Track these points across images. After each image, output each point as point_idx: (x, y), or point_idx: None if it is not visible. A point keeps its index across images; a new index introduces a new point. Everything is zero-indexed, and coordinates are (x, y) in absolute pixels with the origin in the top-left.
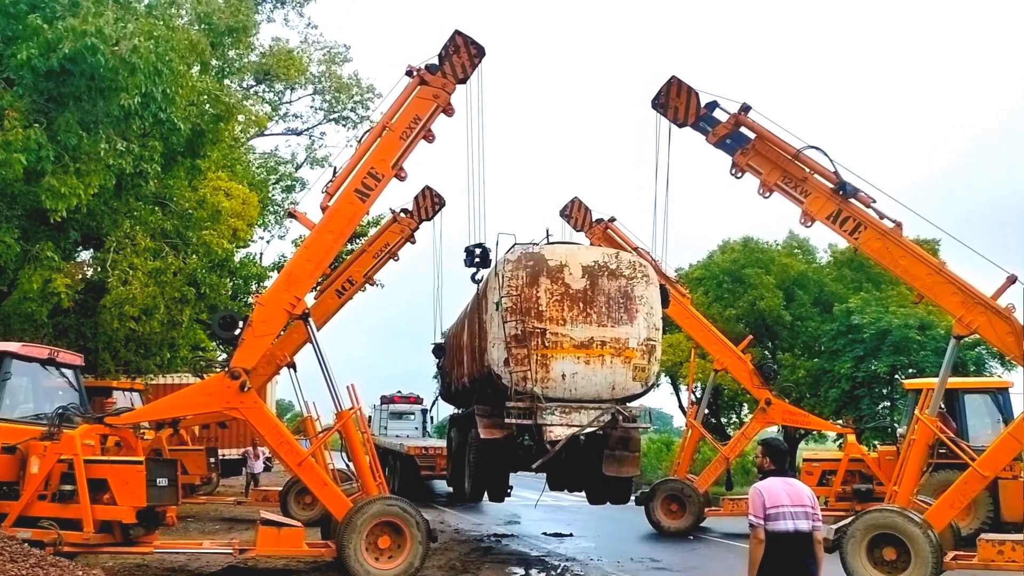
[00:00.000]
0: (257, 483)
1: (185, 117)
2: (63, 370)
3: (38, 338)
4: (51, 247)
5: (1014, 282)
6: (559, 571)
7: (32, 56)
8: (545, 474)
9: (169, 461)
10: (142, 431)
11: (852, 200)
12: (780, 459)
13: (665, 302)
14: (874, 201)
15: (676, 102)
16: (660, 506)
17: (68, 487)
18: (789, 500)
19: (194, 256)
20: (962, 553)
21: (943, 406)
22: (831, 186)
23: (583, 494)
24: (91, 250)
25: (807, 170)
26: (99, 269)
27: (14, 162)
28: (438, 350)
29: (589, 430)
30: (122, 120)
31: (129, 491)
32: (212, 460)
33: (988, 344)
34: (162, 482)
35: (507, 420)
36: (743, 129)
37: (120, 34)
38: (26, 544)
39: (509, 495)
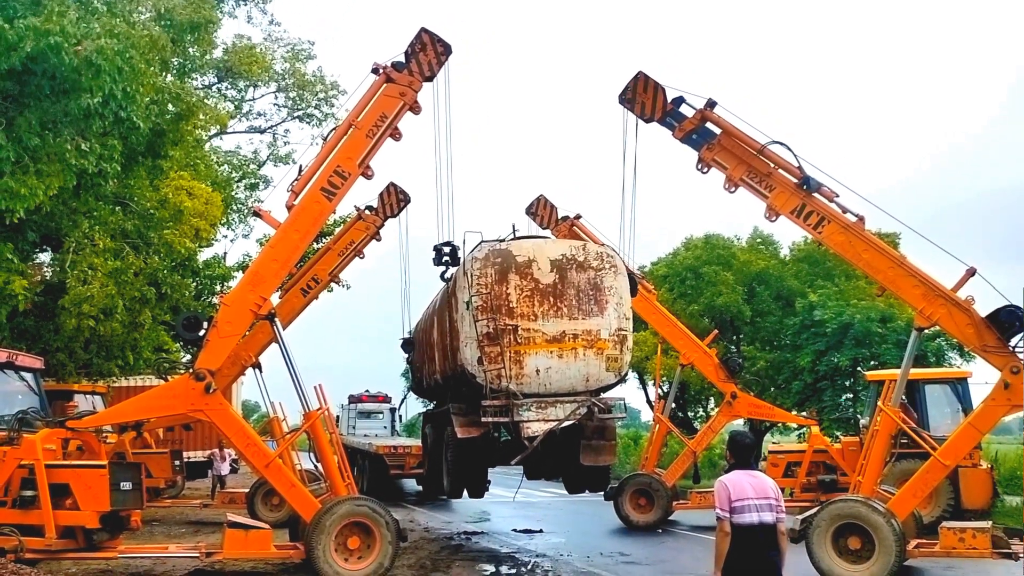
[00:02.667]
0: (223, 485)
1: (146, 116)
2: (22, 373)
3: None
4: (9, 248)
5: (973, 275)
6: (529, 567)
7: None
8: (522, 467)
9: (133, 464)
10: (105, 435)
11: (816, 195)
12: (743, 453)
13: (634, 291)
14: (837, 196)
15: (643, 97)
16: (629, 500)
17: (29, 492)
18: (754, 492)
19: (156, 256)
20: (924, 541)
21: (904, 397)
22: (795, 181)
23: (553, 490)
24: (50, 251)
25: (772, 165)
26: (58, 270)
27: None
28: (407, 345)
29: (566, 423)
30: (82, 119)
31: (92, 495)
32: (177, 463)
33: (948, 335)
34: (126, 486)
35: (483, 419)
36: (709, 125)
37: (83, 33)
38: None
39: (488, 490)
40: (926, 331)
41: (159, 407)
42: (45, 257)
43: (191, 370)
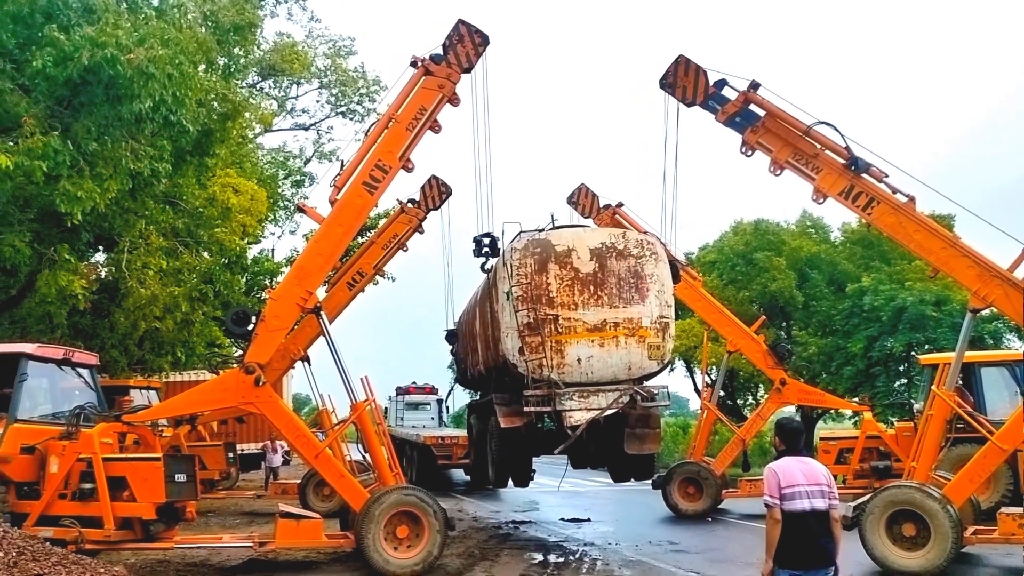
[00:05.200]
0: (276, 476)
1: (194, 118)
2: (79, 370)
3: (53, 339)
4: (66, 249)
5: None
6: (577, 556)
7: (47, 64)
8: (567, 456)
9: (187, 457)
10: (160, 428)
11: (864, 175)
12: (792, 439)
13: (676, 278)
14: (886, 176)
15: (684, 81)
16: (677, 489)
17: (88, 485)
18: (804, 479)
19: (206, 254)
20: (982, 527)
21: (960, 380)
22: (843, 162)
23: (601, 479)
24: (104, 251)
25: (818, 146)
26: (113, 270)
27: (35, 169)
28: (451, 336)
29: (609, 412)
30: (133, 124)
31: (148, 488)
32: (231, 455)
33: (1005, 317)
34: (181, 478)
35: (526, 409)
36: (752, 107)
37: (136, 42)
38: (48, 543)
39: (532, 479)
40: (982, 313)
41: (211, 400)
42: (100, 257)
43: (241, 364)
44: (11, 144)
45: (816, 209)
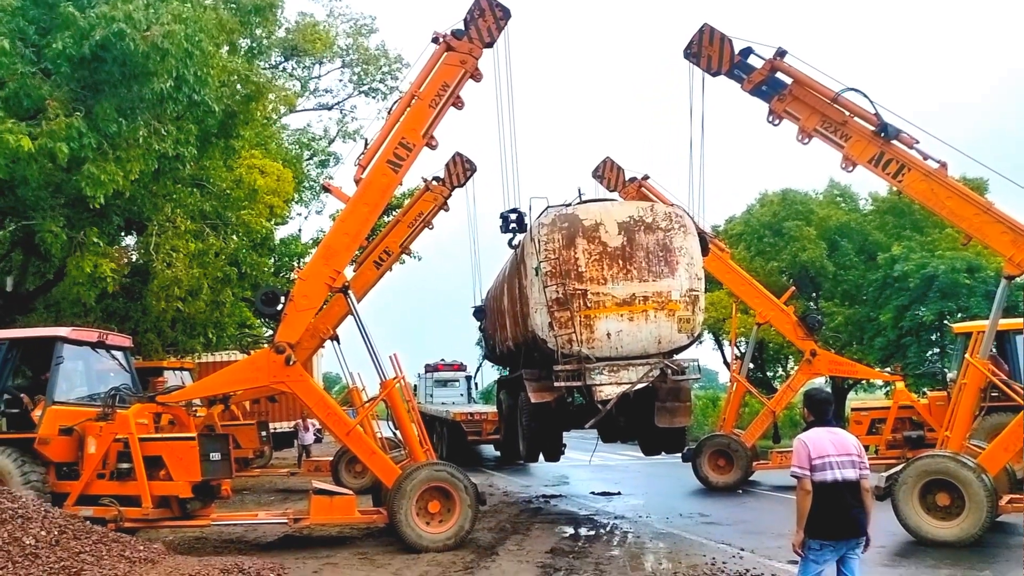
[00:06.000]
0: (309, 454)
1: (218, 98)
2: (113, 352)
3: (88, 322)
4: (96, 232)
5: None
6: (608, 529)
7: (67, 45)
8: (597, 430)
9: (221, 436)
10: (194, 408)
11: (894, 142)
12: (820, 409)
13: (705, 250)
14: (917, 142)
15: (709, 50)
16: (707, 462)
17: (125, 465)
18: (834, 449)
19: (234, 236)
20: (1017, 496)
21: (994, 349)
22: (872, 128)
23: (631, 453)
24: (134, 234)
25: (847, 113)
26: (143, 252)
27: (58, 151)
28: (479, 312)
29: (639, 386)
30: (157, 104)
31: (184, 466)
32: (264, 433)
33: None
34: (215, 456)
35: (556, 383)
36: (779, 75)
37: (152, 19)
38: (88, 522)
39: (563, 454)
40: (1016, 280)
41: (243, 380)
42: (130, 241)
43: (272, 344)
44: (36, 128)
45: (844, 178)
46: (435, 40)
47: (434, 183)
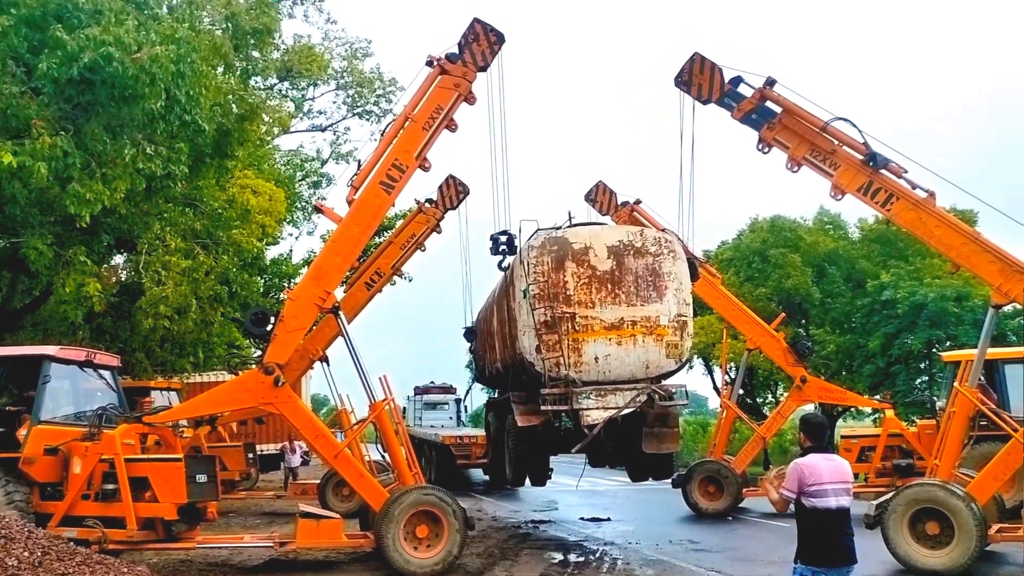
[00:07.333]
0: (295, 477)
1: (210, 118)
2: (101, 371)
3: (76, 341)
4: (83, 251)
5: None
6: (597, 555)
7: (52, 67)
8: (585, 454)
9: (208, 457)
10: (181, 429)
11: (883, 171)
12: (817, 434)
13: (694, 275)
14: (905, 171)
15: (700, 79)
16: (697, 488)
17: (110, 486)
18: (829, 476)
19: (224, 256)
20: (1007, 525)
21: (983, 377)
22: (860, 157)
23: (620, 478)
24: (124, 253)
25: (835, 142)
26: (133, 272)
27: (37, 170)
28: (469, 334)
29: (627, 411)
30: (147, 124)
31: (170, 488)
32: (251, 455)
33: None
34: (202, 478)
35: (543, 407)
36: (769, 103)
37: (141, 41)
38: (72, 543)
39: (550, 478)
40: (1004, 309)
41: (230, 401)
42: (120, 259)
43: (260, 364)
44: (20, 146)
45: (834, 206)
46: (429, 63)
47: (427, 205)
